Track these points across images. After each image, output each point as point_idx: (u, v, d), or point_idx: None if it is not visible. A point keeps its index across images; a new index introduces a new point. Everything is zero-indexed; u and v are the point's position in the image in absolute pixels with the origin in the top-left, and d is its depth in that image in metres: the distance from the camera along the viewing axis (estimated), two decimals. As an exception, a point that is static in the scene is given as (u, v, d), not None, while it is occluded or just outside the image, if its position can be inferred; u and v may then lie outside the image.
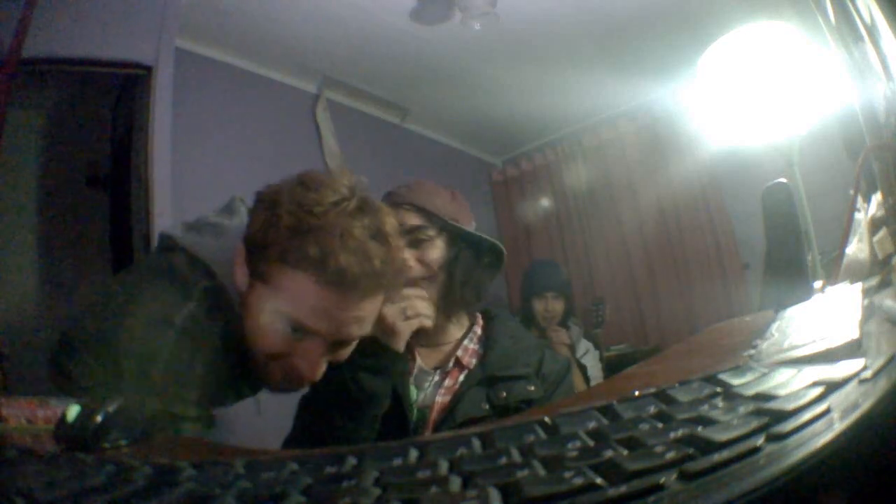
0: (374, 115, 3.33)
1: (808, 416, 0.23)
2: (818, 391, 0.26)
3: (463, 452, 0.27)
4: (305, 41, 2.69)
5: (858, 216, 0.79)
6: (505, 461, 0.24)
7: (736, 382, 0.31)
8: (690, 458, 0.21)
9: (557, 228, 3.85)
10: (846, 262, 0.79)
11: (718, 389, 0.30)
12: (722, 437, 0.22)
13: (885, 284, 0.60)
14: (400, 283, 0.83)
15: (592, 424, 0.28)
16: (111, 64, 1.93)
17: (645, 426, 0.26)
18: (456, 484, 0.22)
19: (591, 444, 0.25)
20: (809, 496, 0.19)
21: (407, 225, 0.99)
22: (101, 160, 2.19)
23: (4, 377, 1.44)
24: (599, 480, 0.20)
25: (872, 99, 0.71)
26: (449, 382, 1.02)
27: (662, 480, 0.19)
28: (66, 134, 2.10)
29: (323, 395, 0.87)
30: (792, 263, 0.70)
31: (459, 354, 1.04)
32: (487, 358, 1.02)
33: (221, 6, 2.36)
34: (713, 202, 3.36)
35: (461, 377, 1.02)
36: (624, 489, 0.19)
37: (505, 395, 0.97)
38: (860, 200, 0.78)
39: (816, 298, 0.66)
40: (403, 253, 0.81)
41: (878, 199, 0.74)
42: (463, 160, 3.96)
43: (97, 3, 1.84)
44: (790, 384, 0.29)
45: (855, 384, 0.27)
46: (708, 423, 0.25)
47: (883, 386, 0.25)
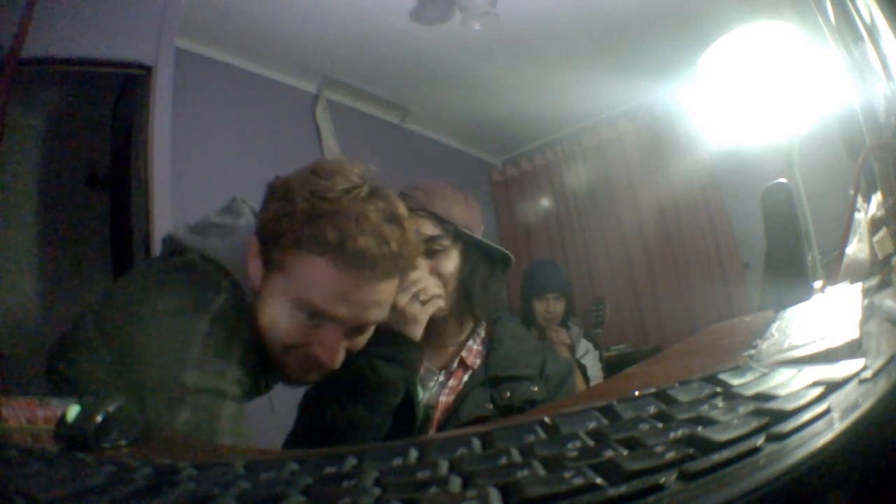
0: (374, 115, 3.33)
1: (808, 416, 0.23)
2: (818, 391, 0.26)
3: (463, 452, 0.27)
4: (305, 41, 2.69)
5: (858, 216, 0.79)
6: (505, 461, 0.24)
7: (736, 382, 0.31)
8: (690, 458, 0.21)
9: (557, 228, 3.85)
10: (846, 262, 0.79)
11: (718, 389, 0.30)
12: (722, 437, 0.22)
13: (885, 284, 0.60)
14: (415, 264, 0.83)
15: (592, 424, 0.28)
16: (111, 64, 1.93)
17: (645, 426, 0.26)
18: (456, 484, 0.22)
19: (591, 444, 0.25)
20: (809, 496, 0.19)
21: (422, 234, 0.97)
22: (101, 160, 2.19)
23: (4, 377, 1.44)
24: (599, 480, 0.20)
25: (872, 99, 0.71)
26: (453, 382, 1.02)
27: (662, 480, 0.19)
28: (66, 134, 2.10)
29: (338, 384, 0.87)
30: (792, 263, 0.70)
31: (464, 355, 1.05)
32: (491, 359, 1.03)
33: (221, 6, 2.36)
34: (713, 202, 3.36)
35: (465, 377, 1.02)
36: (624, 489, 0.19)
37: (509, 395, 0.97)
38: (860, 200, 0.78)
39: (816, 298, 0.66)
40: (416, 236, 0.81)
41: (878, 199, 0.74)
42: (463, 160, 3.96)
43: (97, 3, 1.84)
44: (790, 384, 0.29)
45: (855, 384, 0.27)
46: (708, 423, 0.25)
47: (883, 386, 0.25)
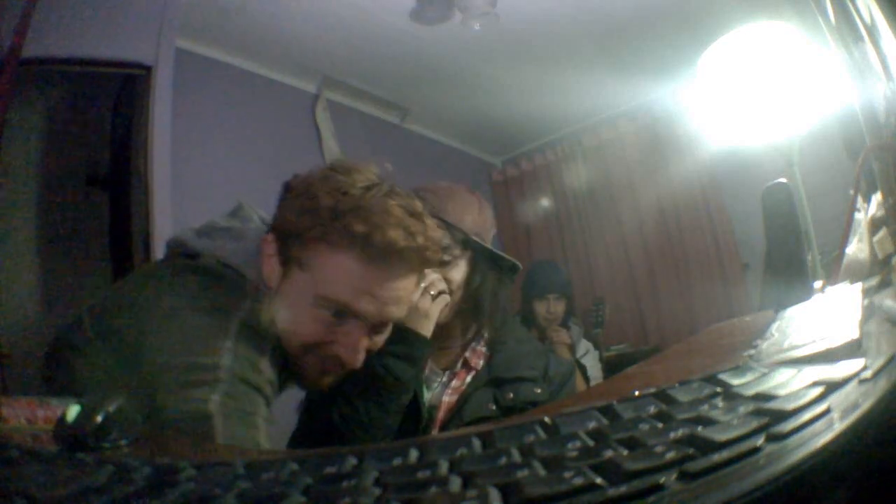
0: (374, 115, 3.33)
1: (808, 416, 0.23)
2: (818, 391, 0.26)
3: (463, 452, 0.27)
4: (305, 41, 2.69)
5: (858, 216, 0.79)
6: (505, 461, 0.24)
7: (736, 382, 0.31)
8: (690, 458, 0.21)
9: (557, 228, 3.85)
10: (846, 262, 0.79)
11: (718, 389, 0.30)
12: (722, 437, 0.22)
13: (885, 284, 0.60)
14: (438, 259, 0.82)
15: (592, 424, 0.28)
16: (111, 64, 1.93)
17: (645, 426, 0.26)
18: (456, 484, 0.22)
19: (591, 444, 0.25)
20: (809, 496, 0.19)
21: None
22: (101, 160, 2.19)
23: (4, 377, 1.44)
24: (599, 480, 0.20)
25: (872, 99, 0.70)
26: (456, 383, 1.03)
27: (662, 480, 0.19)
28: (66, 134, 2.10)
29: (348, 383, 0.86)
30: (792, 263, 0.70)
31: (467, 356, 1.05)
32: (494, 360, 1.03)
33: (221, 6, 2.36)
34: (713, 202, 3.36)
35: (468, 378, 1.03)
36: (624, 489, 0.19)
37: (512, 396, 0.98)
38: (860, 200, 0.78)
39: (816, 298, 0.66)
40: (437, 231, 0.80)
41: (878, 199, 0.74)
42: (463, 160, 3.96)
43: (97, 3, 1.84)
44: (790, 384, 0.29)
45: (855, 384, 0.27)
46: (708, 423, 0.25)
47: (883, 386, 0.25)
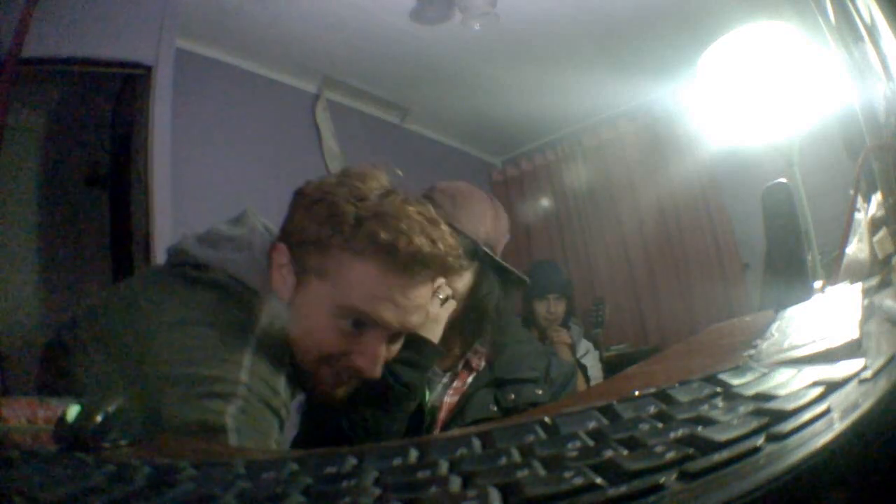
0: (374, 115, 3.33)
1: (808, 416, 0.23)
2: (818, 391, 0.26)
3: (463, 452, 0.27)
4: (305, 41, 2.69)
5: (858, 216, 0.79)
6: (505, 461, 0.24)
7: (736, 382, 0.31)
8: (690, 458, 0.21)
9: (557, 228, 3.85)
10: (846, 262, 0.79)
11: (718, 389, 0.30)
12: (722, 437, 0.22)
13: (885, 284, 0.60)
14: (458, 266, 0.80)
15: (592, 424, 0.28)
16: (111, 64, 1.93)
17: (645, 426, 0.26)
18: (456, 484, 0.22)
19: (591, 444, 0.25)
20: (809, 496, 0.19)
21: None
22: (101, 160, 2.19)
23: (4, 377, 1.44)
24: (599, 480, 0.20)
25: (872, 99, 0.70)
26: (458, 384, 1.03)
27: (662, 480, 0.19)
28: (66, 134, 2.10)
29: (357, 391, 0.84)
30: (792, 263, 0.70)
31: (469, 357, 1.05)
32: (496, 361, 1.03)
33: (221, 6, 2.36)
34: (713, 202, 3.36)
35: (469, 379, 1.03)
36: (624, 489, 0.19)
37: (513, 397, 0.98)
38: (860, 200, 0.78)
39: (816, 298, 0.66)
40: (453, 238, 0.79)
41: (878, 199, 0.74)
42: (463, 160, 3.96)
43: (97, 3, 1.85)
44: (790, 384, 0.28)
45: (855, 384, 0.27)
46: (708, 423, 0.25)
47: (883, 386, 0.25)
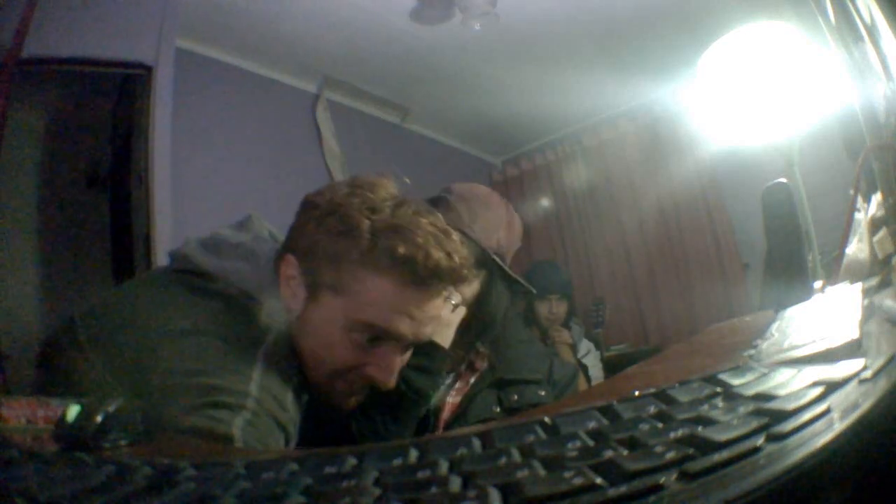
0: (374, 115, 3.33)
1: (808, 416, 0.23)
2: (818, 391, 0.26)
3: (463, 452, 0.27)
4: (305, 41, 2.69)
5: (858, 216, 0.79)
6: (505, 461, 0.24)
7: (736, 382, 0.31)
8: (690, 458, 0.21)
9: (557, 228, 3.85)
10: (846, 262, 0.79)
11: (718, 389, 0.30)
12: (722, 437, 0.22)
13: (885, 284, 0.60)
14: (471, 277, 0.79)
15: (592, 424, 0.28)
16: (111, 64, 1.93)
17: (645, 426, 0.26)
18: (456, 484, 0.22)
19: (591, 444, 0.25)
20: (809, 496, 0.19)
21: None
22: (101, 160, 2.19)
23: (4, 377, 1.44)
24: (599, 480, 0.20)
25: (872, 99, 0.71)
26: (460, 384, 1.03)
27: (662, 480, 0.19)
28: (66, 134, 2.10)
29: (367, 398, 0.83)
30: (792, 263, 0.70)
31: (471, 358, 1.05)
32: (499, 362, 1.03)
33: (221, 6, 2.36)
34: (713, 202, 3.36)
35: (472, 380, 1.03)
36: (624, 489, 0.19)
37: (516, 398, 0.98)
38: (860, 200, 0.78)
39: (816, 298, 0.66)
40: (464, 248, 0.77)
41: (878, 199, 0.74)
42: (463, 160, 3.96)
43: (97, 3, 1.84)
44: (790, 384, 0.28)
45: (855, 384, 0.27)
46: (708, 423, 0.25)
47: (883, 386, 0.25)
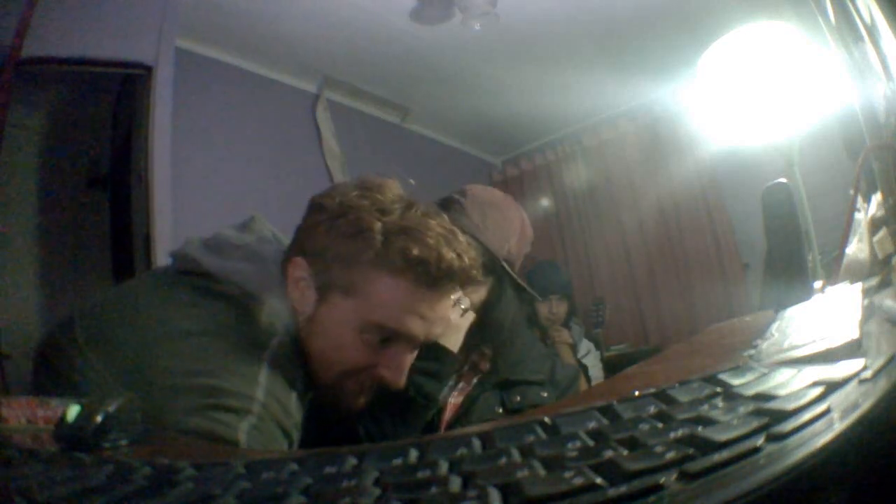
0: (374, 115, 3.33)
1: (808, 416, 0.23)
2: (818, 391, 0.26)
3: (463, 452, 0.27)
4: (305, 41, 2.70)
5: (858, 216, 0.79)
6: (505, 461, 0.24)
7: (736, 382, 0.31)
8: (690, 458, 0.21)
9: (557, 228, 3.85)
10: (846, 262, 0.79)
11: (718, 389, 0.30)
12: (722, 437, 0.22)
13: (885, 284, 0.60)
14: (479, 278, 0.78)
15: (592, 424, 0.28)
16: (111, 64, 1.93)
17: (645, 426, 0.26)
18: (456, 484, 0.22)
19: (591, 444, 0.25)
20: (809, 496, 0.19)
21: None
22: (101, 160, 2.19)
23: (4, 377, 1.44)
24: (599, 480, 0.20)
25: (872, 99, 0.71)
26: (462, 385, 1.03)
27: (662, 480, 0.19)
28: (66, 134, 2.10)
29: (376, 402, 0.82)
30: (792, 263, 0.70)
31: (474, 359, 1.05)
32: (501, 362, 1.03)
33: (221, 6, 2.36)
34: (713, 202, 3.36)
35: (474, 380, 1.03)
36: (624, 489, 0.19)
37: (519, 399, 0.98)
38: (860, 200, 0.78)
39: (816, 298, 0.66)
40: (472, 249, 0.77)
41: (878, 199, 0.74)
42: (463, 160, 3.96)
43: (97, 3, 1.85)
44: (790, 384, 0.28)
45: (855, 384, 0.27)
46: (708, 423, 0.25)
47: (883, 386, 0.25)
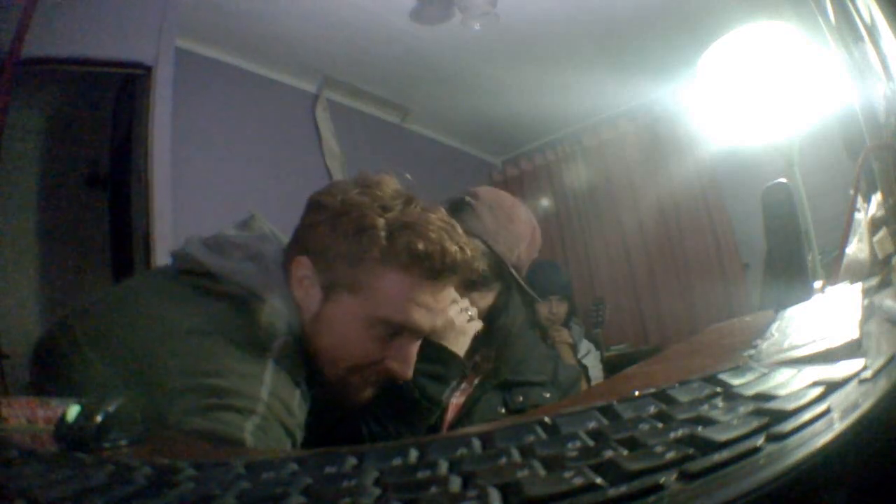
0: (374, 115, 3.33)
1: (808, 416, 0.23)
2: (818, 391, 0.26)
3: (463, 452, 0.27)
4: (305, 41, 2.70)
5: (858, 216, 0.79)
6: (505, 461, 0.24)
7: (736, 382, 0.31)
8: (690, 458, 0.21)
9: (557, 228, 3.85)
10: (846, 262, 0.79)
11: (718, 389, 0.30)
12: (722, 437, 0.22)
13: (885, 284, 0.60)
14: (479, 270, 0.80)
15: (592, 424, 0.28)
16: (111, 64, 1.94)
17: (645, 426, 0.26)
18: (456, 484, 0.22)
19: (591, 444, 0.25)
20: (809, 496, 0.19)
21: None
22: (101, 160, 2.19)
23: (4, 377, 1.44)
24: (599, 480, 0.20)
25: (872, 99, 0.71)
26: (464, 385, 1.03)
27: (662, 480, 0.19)
28: (66, 134, 2.10)
29: (380, 404, 0.82)
30: (792, 263, 0.70)
31: (477, 360, 1.05)
32: (503, 363, 1.03)
33: (221, 6, 2.36)
34: (713, 202, 3.36)
35: (476, 381, 1.03)
36: (624, 489, 0.19)
37: (521, 399, 0.98)
38: (860, 200, 0.78)
39: (816, 298, 0.66)
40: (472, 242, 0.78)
41: (878, 199, 0.74)
42: (463, 160, 3.96)
43: (97, 3, 1.85)
44: (790, 384, 0.28)
45: (855, 384, 0.27)
46: (708, 423, 0.25)
47: (883, 386, 0.25)
